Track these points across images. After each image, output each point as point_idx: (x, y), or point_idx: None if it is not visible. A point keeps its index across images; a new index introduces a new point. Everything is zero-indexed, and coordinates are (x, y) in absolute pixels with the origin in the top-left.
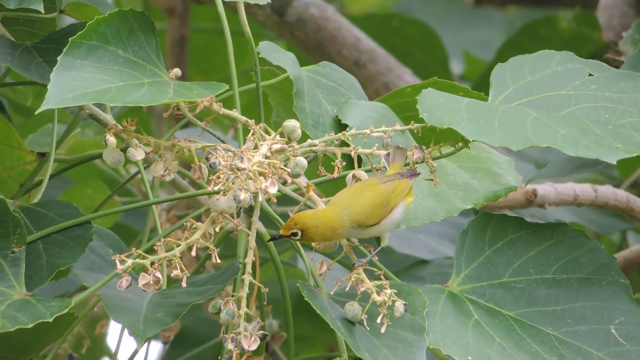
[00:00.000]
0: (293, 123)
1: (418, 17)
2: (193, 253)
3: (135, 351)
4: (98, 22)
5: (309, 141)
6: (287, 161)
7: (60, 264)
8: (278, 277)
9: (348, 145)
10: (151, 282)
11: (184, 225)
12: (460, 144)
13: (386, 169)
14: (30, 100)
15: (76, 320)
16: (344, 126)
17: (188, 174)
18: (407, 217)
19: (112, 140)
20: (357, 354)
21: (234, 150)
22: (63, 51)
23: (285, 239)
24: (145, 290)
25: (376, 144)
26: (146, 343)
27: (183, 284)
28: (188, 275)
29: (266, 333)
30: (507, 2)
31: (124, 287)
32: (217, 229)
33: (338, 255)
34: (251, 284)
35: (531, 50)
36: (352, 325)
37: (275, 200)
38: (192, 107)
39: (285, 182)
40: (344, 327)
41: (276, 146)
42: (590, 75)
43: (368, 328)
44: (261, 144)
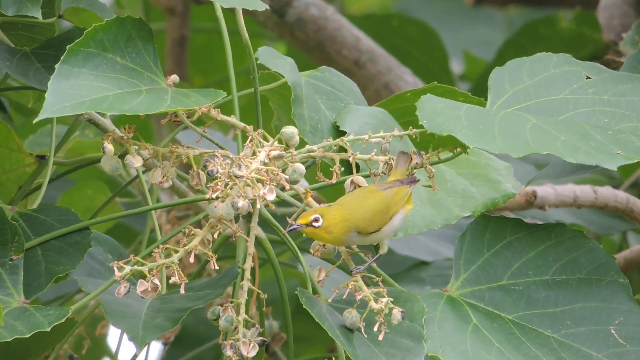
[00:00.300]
0: (291, 129)
1: (418, 17)
2: (192, 260)
3: (135, 355)
4: (96, 30)
5: (307, 147)
6: (285, 167)
7: (59, 271)
8: (276, 279)
9: (346, 150)
10: (149, 289)
11: (183, 230)
12: (458, 150)
13: (385, 175)
14: (31, 102)
15: (76, 325)
16: (343, 132)
17: (186, 177)
18: (405, 225)
19: (110, 148)
20: None
21: (232, 157)
22: (61, 59)
23: (302, 228)
24: (143, 297)
25: (374, 150)
26: (146, 344)
27: (181, 291)
28: (186, 282)
29: (265, 339)
30: (507, 2)
31: (122, 294)
32: (216, 235)
33: (336, 261)
34: (250, 288)
35: (531, 50)
36: (351, 332)
37: (273, 207)
38: (191, 113)
39: (283, 188)
40: (343, 335)
41: (274, 153)
42: (587, 78)
43: (366, 335)
44: (259, 151)
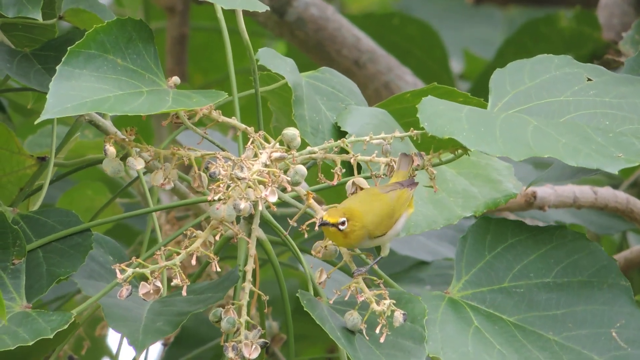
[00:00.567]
0: (292, 131)
1: (418, 16)
2: (193, 262)
3: (134, 358)
4: (96, 31)
5: (309, 149)
6: (287, 169)
7: (60, 273)
8: (278, 281)
9: (347, 152)
10: (151, 292)
11: (185, 232)
12: (459, 151)
13: (386, 177)
14: (31, 103)
15: (77, 327)
16: (344, 133)
17: (187, 179)
18: (407, 225)
19: (112, 150)
20: None
21: (234, 159)
22: (62, 60)
23: (328, 227)
24: (145, 299)
25: (376, 151)
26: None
27: (183, 293)
28: (188, 284)
29: (267, 341)
30: (508, 1)
31: (125, 297)
32: (217, 237)
33: (338, 262)
34: (251, 290)
35: (532, 49)
36: (352, 334)
37: (275, 208)
38: (192, 115)
39: (285, 190)
40: (344, 337)
41: (276, 154)
42: (589, 79)
43: (367, 337)
44: (261, 153)
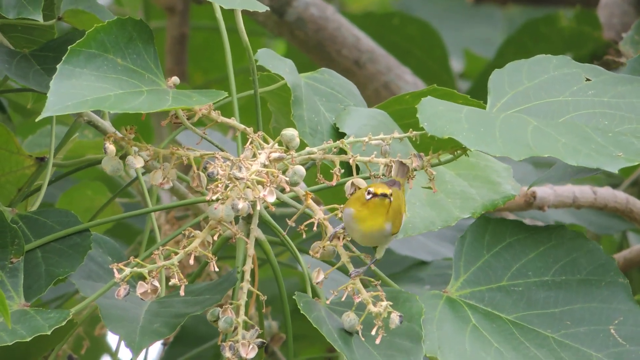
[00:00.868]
0: (291, 132)
1: (418, 15)
2: (191, 261)
3: (132, 359)
4: (97, 31)
5: (308, 149)
6: (286, 170)
7: (59, 273)
8: (276, 281)
9: (346, 153)
10: (149, 291)
11: (183, 232)
12: (459, 152)
13: (385, 177)
14: (30, 104)
15: (76, 326)
16: (342, 134)
17: (185, 179)
18: (405, 227)
19: (112, 148)
20: None
21: (233, 159)
22: (62, 59)
23: (384, 199)
24: (143, 299)
25: (374, 152)
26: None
27: (181, 293)
28: (186, 283)
29: (264, 341)
30: (508, 0)
31: (122, 296)
32: (216, 237)
33: (336, 262)
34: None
35: (532, 48)
36: (349, 335)
37: (273, 209)
38: (191, 115)
39: (283, 190)
40: (341, 339)
41: (274, 155)
42: (587, 80)
43: (364, 338)
44: (259, 153)
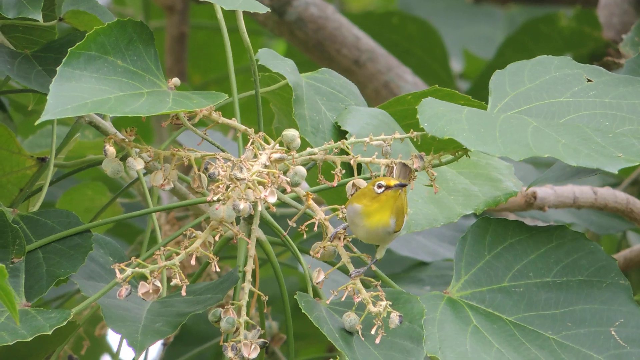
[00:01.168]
0: (292, 132)
1: (418, 14)
2: (193, 262)
3: (134, 358)
4: (97, 33)
5: (309, 149)
6: (287, 170)
7: (60, 274)
8: (277, 281)
9: (347, 153)
10: (151, 291)
11: (184, 232)
12: (460, 152)
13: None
14: (31, 105)
15: (77, 327)
16: (344, 132)
17: (186, 179)
18: (408, 223)
19: (112, 150)
20: None
21: (233, 159)
22: (62, 62)
23: (398, 190)
24: (144, 299)
25: (376, 152)
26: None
27: (183, 293)
28: (188, 283)
29: (266, 341)
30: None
31: (124, 296)
32: (217, 237)
33: (337, 263)
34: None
35: (532, 48)
36: (350, 335)
37: (274, 209)
38: (192, 116)
39: (284, 191)
40: (342, 339)
41: (275, 155)
42: (588, 80)
43: (364, 338)
44: (260, 153)
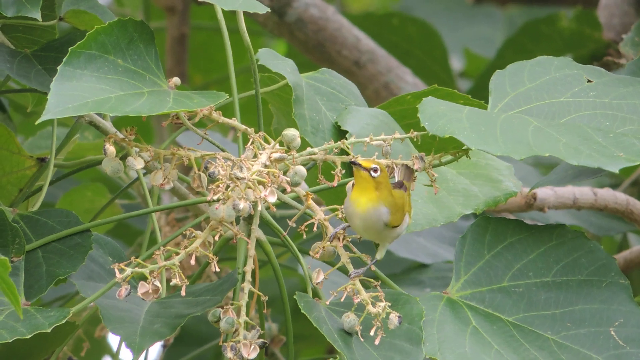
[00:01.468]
0: (292, 132)
1: (418, 15)
2: (192, 262)
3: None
4: (97, 32)
5: (309, 149)
6: (287, 170)
7: (59, 273)
8: (277, 282)
9: (348, 153)
10: (150, 291)
11: (184, 232)
12: (460, 153)
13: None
14: (30, 106)
15: (76, 327)
16: (344, 132)
17: (186, 179)
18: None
19: (112, 149)
20: None
21: (234, 159)
22: (63, 61)
23: (359, 169)
24: (144, 299)
25: (376, 152)
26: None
27: (182, 293)
28: (187, 284)
29: (266, 341)
30: (507, 0)
31: (124, 296)
32: (217, 237)
33: (336, 263)
34: (250, 290)
35: (532, 49)
36: (349, 336)
37: (274, 209)
38: (192, 115)
39: (284, 190)
40: (341, 339)
41: (276, 155)
42: (589, 81)
43: (364, 339)
44: (260, 153)
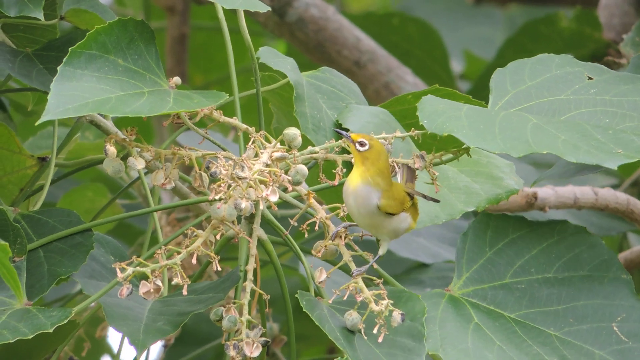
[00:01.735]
0: (293, 131)
1: (418, 15)
2: (194, 261)
3: (135, 358)
4: (98, 32)
5: (310, 148)
6: (288, 169)
7: (61, 272)
8: (279, 281)
9: (348, 152)
10: (152, 290)
11: (185, 232)
12: (461, 151)
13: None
14: (31, 105)
15: (78, 326)
16: (344, 130)
17: (187, 179)
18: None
19: (113, 150)
20: None
21: (235, 158)
22: (63, 61)
23: (347, 140)
24: (145, 298)
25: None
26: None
27: (184, 293)
28: (189, 283)
29: (268, 340)
30: (508, 0)
31: (125, 295)
32: (218, 236)
33: (338, 262)
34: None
35: (532, 49)
36: (352, 334)
37: (276, 208)
38: (193, 115)
39: (285, 189)
40: (343, 337)
41: (277, 154)
42: (589, 78)
43: (366, 337)
44: (262, 152)
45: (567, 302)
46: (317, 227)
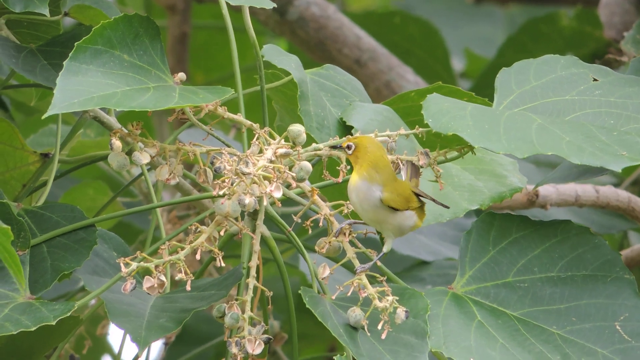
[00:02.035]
0: (298, 127)
1: (419, 14)
2: (198, 257)
3: (137, 355)
4: (103, 27)
5: (314, 145)
6: (292, 165)
7: (64, 268)
8: (282, 279)
9: None
10: (155, 286)
11: (189, 228)
12: (465, 149)
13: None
14: (34, 101)
15: (80, 322)
16: (349, 128)
17: (190, 176)
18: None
19: (118, 144)
20: None
21: (239, 154)
22: (69, 56)
23: (340, 150)
24: (149, 293)
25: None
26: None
27: (187, 288)
28: (193, 278)
29: (270, 337)
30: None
31: (129, 290)
32: (222, 232)
33: (340, 259)
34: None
35: (532, 48)
36: (355, 330)
37: (280, 204)
38: (197, 111)
39: (289, 186)
40: (346, 334)
41: (281, 150)
42: (594, 80)
43: (370, 334)
44: (266, 148)
45: (570, 301)
46: (321, 224)
